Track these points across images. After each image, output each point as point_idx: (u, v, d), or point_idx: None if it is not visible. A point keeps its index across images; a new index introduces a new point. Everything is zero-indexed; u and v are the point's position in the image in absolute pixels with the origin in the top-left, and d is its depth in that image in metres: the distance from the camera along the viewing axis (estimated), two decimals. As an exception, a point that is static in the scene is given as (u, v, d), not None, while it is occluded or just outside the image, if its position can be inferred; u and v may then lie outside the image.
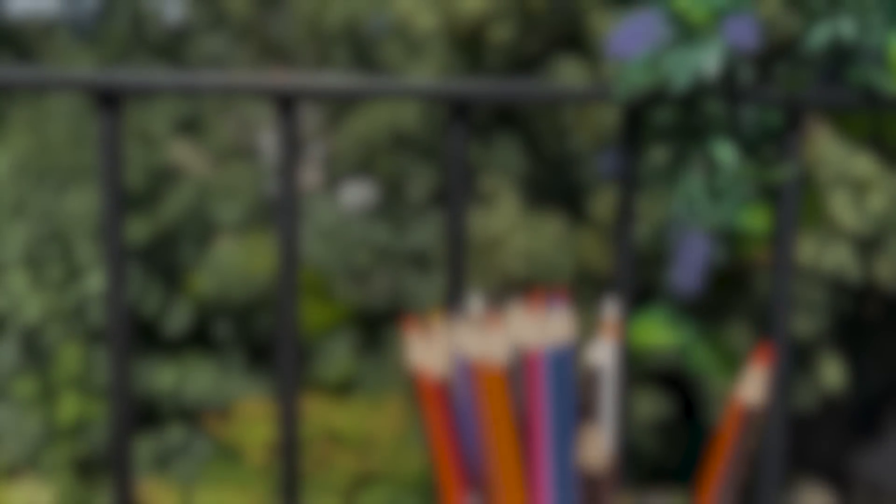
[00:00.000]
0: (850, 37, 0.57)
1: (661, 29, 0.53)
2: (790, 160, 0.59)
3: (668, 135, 0.62)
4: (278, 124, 0.59)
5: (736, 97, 0.57)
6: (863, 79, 0.60)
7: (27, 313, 9.69)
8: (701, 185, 0.57)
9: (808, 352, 8.96)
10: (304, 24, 12.88)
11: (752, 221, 0.65)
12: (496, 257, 8.37)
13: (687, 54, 0.53)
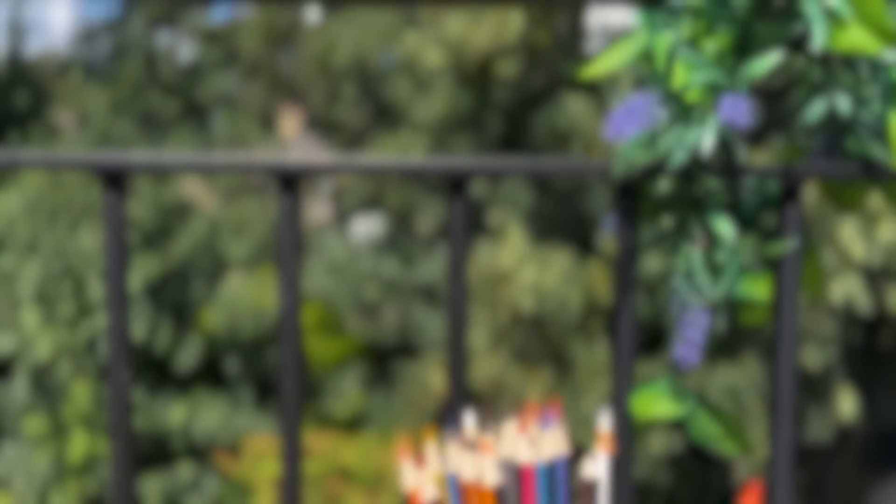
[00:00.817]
0: (845, 111, 0.58)
1: (656, 109, 0.53)
2: (789, 232, 0.59)
3: (667, 207, 0.62)
4: (281, 201, 0.60)
5: (733, 171, 0.58)
6: (860, 150, 0.60)
7: (38, 350, 9.71)
8: (700, 259, 0.57)
9: (821, 384, 8.85)
10: (313, 61, 13.08)
11: (754, 291, 0.65)
12: (505, 291, 8.35)
13: (683, 133, 0.54)
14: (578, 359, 8.37)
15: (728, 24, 0.58)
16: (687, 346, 0.56)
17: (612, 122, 0.53)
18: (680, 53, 0.56)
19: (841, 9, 0.53)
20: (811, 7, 0.53)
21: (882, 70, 0.57)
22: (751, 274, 0.65)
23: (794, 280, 0.60)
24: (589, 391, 7.87)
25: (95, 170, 0.59)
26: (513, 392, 7.84)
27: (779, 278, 0.60)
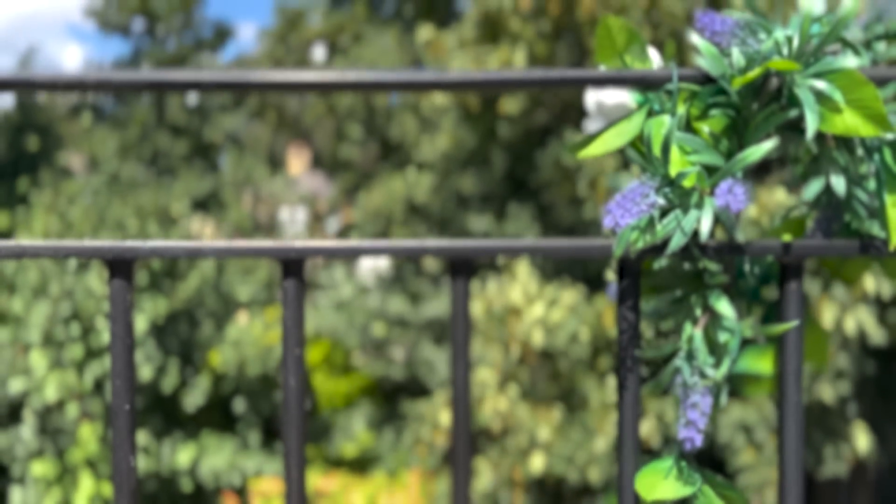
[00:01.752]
0: (841, 191, 0.58)
1: (653, 196, 0.54)
2: (790, 309, 0.60)
3: (668, 282, 0.63)
4: (284, 285, 0.60)
5: (732, 251, 0.58)
6: (857, 226, 0.60)
7: (46, 393, 9.69)
8: (702, 339, 0.57)
9: (835, 418, 8.74)
10: (319, 100, 13.23)
11: (757, 364, 0.65)
12: (513, 327, 8.32)
13: (681, 217, 0.54)
14: (590, 396, 8.30)
15: (723, 108, 0.59)
16: (690, 429, 0.55)
17: (610, 212, 0.53)
18: (676, 137, 0.57)
19: (832, 93, 0.54)
20: (803, 93, 0.54)
21: (875, 150, 0.57)
22: (754, 348, 0.65)
23: (797, 357, 0.60)
24: (600, 429, 7.78)
25: (101, 258, 0.60)
26: (523, 430, 7.75)
27: (781, 355, 0.60)
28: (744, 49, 0.58)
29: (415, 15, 13.75)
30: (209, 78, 0.59)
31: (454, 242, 0.60)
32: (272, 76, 0.59)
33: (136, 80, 0.59)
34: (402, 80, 0.60)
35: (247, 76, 0.60)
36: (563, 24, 9.32)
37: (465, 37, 10.30)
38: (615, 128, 0.61)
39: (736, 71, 0.57)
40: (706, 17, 0.66)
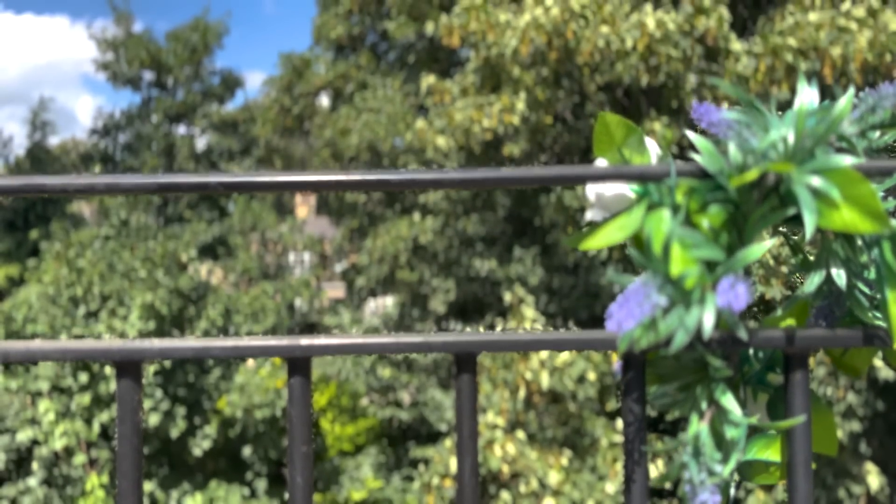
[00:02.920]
0: (842, 284, 0.59)
1: (655, 295, 0.55)
2: (797, 400, 0.59)
3: (672, 373, 0.63)
4: (289, 382, 0.61)
5: (735, 343, 0.58)
6: (860, 316, 0.61)
7: (54, 442, 9.65)
8: (708, 435, 0.57)
9: (847, 456, 8.61)
10: (325, 147, 13.39)
11: (766, 453, 0.64)
12: (521, 369, 8.27)
13: (683, 316, 0.55)
14: (598, 437, 8.21)
15: (721, 203, 0.59)
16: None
17: (613, 315, 0.54)
18: (676, 232, 0.57)
19: (830, 191, 0.55)
20: (801, 192, 0.55)
21: (875, 244, 0.58)
22: (762, 436, 0.65)
23: (805, 448, 0.60)
24: (610, 472, 7.68)
25: (110, 360, 0.61)
26: (532, 473, 7.66)
27: (789, 447, 0.60)
28: (741, 143, 0.59)
29: (417, 61, 13.97)
30: (217, 180, 0.61)
31: (459, 337, 0.61)
32: (280, 178, 0.61)
33: (145, 183, 0.60)
34: (404, 179, 0.61)
35: (255, 178, 0.61)
36: (563, 69, 9.47)
37: (467, 84, 10.46)
38: (616, 221, 0.62)
39: (733, 168, 0.58)
40: (702, 107, 0.67)
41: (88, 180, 0.60)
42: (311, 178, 0.61)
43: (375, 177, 0.61)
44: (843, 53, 7.53)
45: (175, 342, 0.61)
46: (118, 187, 0.60)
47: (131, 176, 0.61)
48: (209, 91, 17.61)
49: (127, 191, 0.60)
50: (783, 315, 0.64)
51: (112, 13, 17.13)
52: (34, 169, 15.45)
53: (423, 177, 0.61)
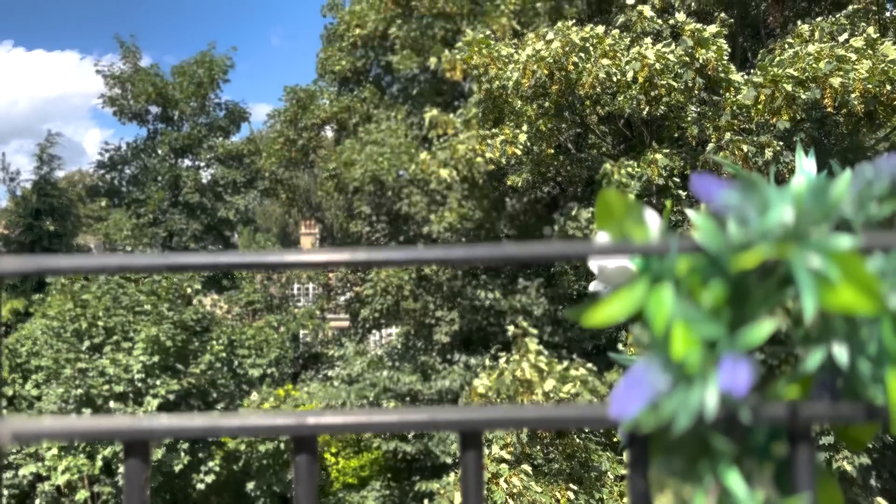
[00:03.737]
0: (843, 361, 0.59)
1: (657, 378, 0.55)
2: (801, 473, 0.60)
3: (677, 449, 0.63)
4: (295, 460, 0.61)
5: (739, 423, 0.58)
6: (862, 392, 0.61)
7: (56, 477, 9.59)
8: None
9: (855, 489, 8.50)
10: (329, 179, 13.46)
11: (772, 527, 0.64)
12: (525, 400, 8.22)
13: (685, 398, 0.55)
14: (605, 470, 8.13)
15: (722, 279, 0.60)
16: None
17: (616, 400, 0.54)
18: (677, 312, 0.58)
19: (829, 272, 0.56)
20: (801, 274, 0.56)
21: (875, 323, 0.58)
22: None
23: (811, 525, 0.60)
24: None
25: (118, 439, 0.61)
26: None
27: (795, 523, 0.60)
28: (740, 221, 0.60)
29: (420, 94, 14.09)
30: (226, 260, 0.62)
31: (464, 414, 0.61)
32: (287, 258, 0.62)
33: (156, 264, 0.61)
34: (412, 258, 0.62)
35: (263, 258, 0.62)
36: (565, 101, 9.55)
37: (470, 116, 10.56)
38: (618, 296, 0.63)
39: (734, 247, 0.59)
40: (701, 179, 0.68)
41: (99, 261, 0.62)
42: (317, 258, 0.62)
43: (383, 256, 0.62)
44: (843, 83, 7.58)
45: (183, 420, 0.61)
46: (129, 267, 0.61)
47: (142, 257, 0.62)
48: (214, 124, 17.76)
49: (138, 270, 0.61)
50: (786, 386, 0.65)
51: (119, 49, 17.36)
52: (40, 202, 15.54)
53: (428, 255, 0.62)
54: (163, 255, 0.62)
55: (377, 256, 0.62)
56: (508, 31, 11.83)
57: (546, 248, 0.63)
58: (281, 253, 0.62)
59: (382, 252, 0.62)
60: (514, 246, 0.64)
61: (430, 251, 0.62)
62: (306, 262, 0.62)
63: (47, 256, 0.62)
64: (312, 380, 13.94)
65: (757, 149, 8.25)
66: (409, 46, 13.26)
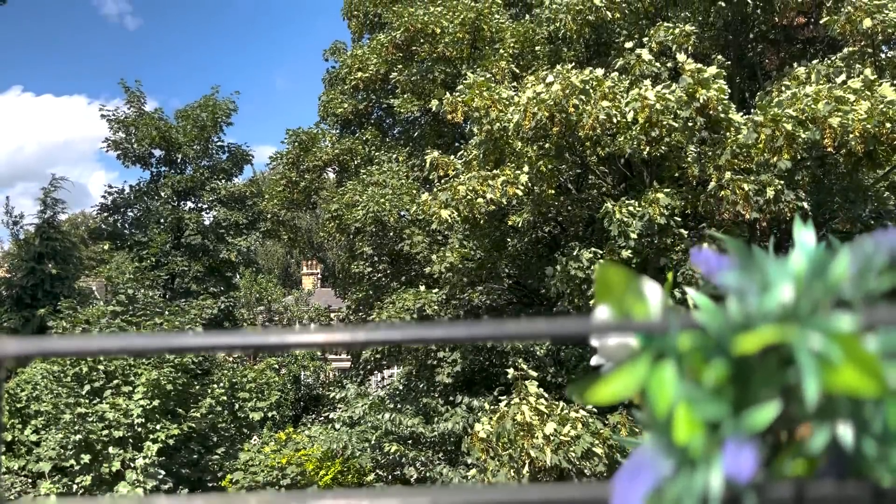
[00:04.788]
0: (848, 442, 0.59)
1: (660, 463, 0.54)
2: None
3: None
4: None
5: (744, 503, 0.58)
6: (868, 470, 0.60)
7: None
8: None
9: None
10: (331, 220, 13.51)
11: None
12: (526, 444, 8.13)
13: (690, 484, 0.55)
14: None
15: (724, 357, 0.60)
16: None
17: (619, 489, 0.54)
18: (680, 394, 0.57)
19: (830, 353, 0.55)
20: (802, 357, 0.55)
21: (880, 403, 0.58)
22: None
23: None
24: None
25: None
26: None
27: None
28: (740, 297, 0.60)
29: (421, 136, 14.23)
30: (225, 342, 0.62)
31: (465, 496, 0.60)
32: (289, 339, 0.62)
33: (156, 346, 0.61)
34: (412, 337, 0.62)
35: (265, 339, 0.62)
36: (565, 142, 9.64)
37: (471, 157, 10.64)
38: (620, 374, 0.63)
39: (734, 326, 0.59)
40: (701, 254, 0.69)
41: (100, 343, 0.61)
42: (318, 339, 0.62)
43: (383, 335, 0.62)
44: (842, 123, 7.64)
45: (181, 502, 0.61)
46: (130, 350, 0.61)
47: (140, 338, 0.62)
48: (217, 166, 17.91)
49: (138, 353, 0.61)
50: (792, 463, 0.64)
51: (125, 94, 17.61)
52: (42, 246, 15.59)
53: (430, 334, 0.62)
54: (161, 337, 0.62)
55: (377, 336, 0.62)
56: (508, 74, 11.99)
57: (548, 326, 0.63)
58: (282, 333, 0.62)
59: (382, 332, 0.62)
60: (516, 323, 0.64)
61: (430, 329, 0.62)
62: (307, 343, 0.62)
63: (48, 339, 0.62)
64: (314, 422, 13.80)
65: (758, 188, 8.29)
66: (410, 90, 13.43)
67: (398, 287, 13.55)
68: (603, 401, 0.62)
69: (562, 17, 10.70)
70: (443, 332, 0.62)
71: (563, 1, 10.59)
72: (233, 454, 10.58)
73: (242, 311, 15.69)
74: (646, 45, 10.20)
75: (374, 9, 15.31)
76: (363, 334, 0.62)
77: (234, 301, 16.35)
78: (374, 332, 0.62)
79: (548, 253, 12.03)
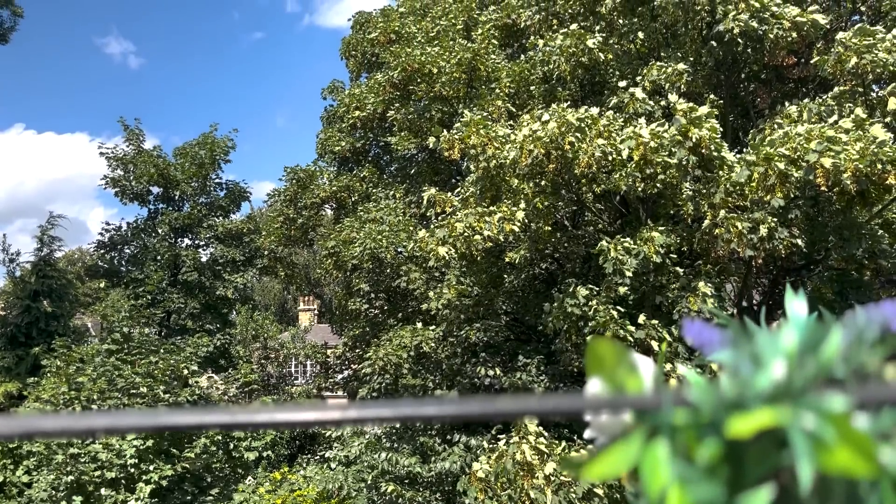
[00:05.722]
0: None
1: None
2: None
3: None
4: None
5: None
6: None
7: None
8: None
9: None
10: (328, 257, 13.51)
11: None
12: (526, 483, 8.03)
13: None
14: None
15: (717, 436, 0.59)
16: None
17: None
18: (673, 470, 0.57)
19: (824, 434, 0.55)
20: (796, 438, 0.55)
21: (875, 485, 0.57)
22: None
23: None
24: None
25: None
26: None
27: None
28: (733, 372, 0.60)
29: (419, 172, 14.31)
30: (216, 420, 0.61)
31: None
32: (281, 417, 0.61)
33: (145, 424, 0.61)
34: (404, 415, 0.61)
35: (252, 417, 0.62)
36: (561, 179, 9.69)
37: (468, 195, 10.69)
38: (613, 451, 0.62)
39: (727, 404, 0.58)
40: (694, 327, 0.69)
41: (88, 421, 0.61)
42: (310, 417, 0.61)
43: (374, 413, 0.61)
44: (834, 163, 7.70)
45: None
46: (118, 429, 0.60)
47: (131, 416, 0.61)
48: (215, 203, 17.95)
49: (126, 431, 0.61)
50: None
51: (123, 131, 17.71)
52: (38, 284, 15.54)
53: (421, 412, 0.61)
54: (152, 415, 0.62)
55: (368, 414, 0.62)
56: (504, 113, 12.11)
57: (540, 404, 0.63)
58: (272, 411, 0.62)
59: (373, 409, 0.62)
60: (509, 400, 0.63)
61: (422, 407, 0.62)
62: (299, 422, 0.62)
63: (37, 418, 0.62)
64: (309, 462, 13.62)
65: (752, 225, 8.33)
66: (408, 128, 13.54)
67: (395, 324, 13.50)
68: (597, 477, 0.62)
69: (555, 59, 10.84)
70: (435, 409, 0.61)
71: (556, 43, 10.74)
72: (227, 495, 10.42)
73: (238, 349, 15.59)
74: (639, 84, 10.32)
75: (371, 49, 15.51)
76: (355, 412, 0.62)
77: (231, 338, 16.25)
78: (366, 410, 0.62)
79: (545, 289, 12.02)
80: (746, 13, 9.28)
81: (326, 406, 0.64)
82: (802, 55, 10.49)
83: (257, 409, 0.64)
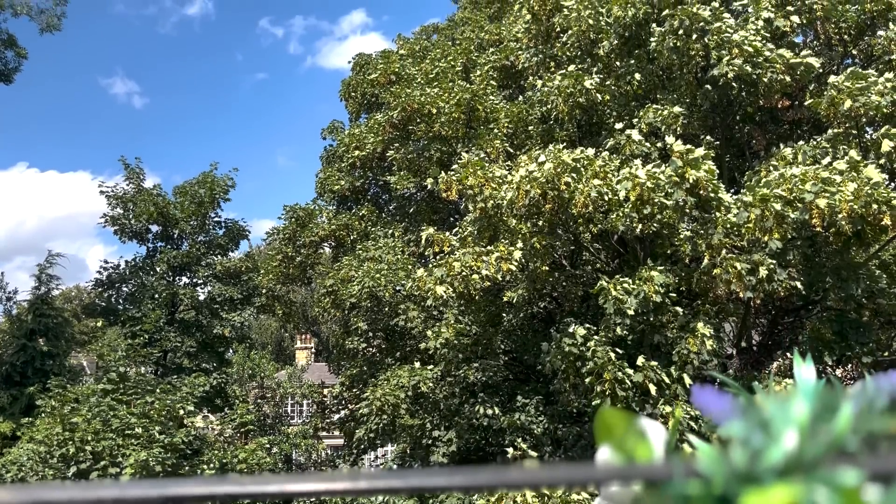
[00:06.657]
0: None
1: None
2: None
3: None
4: None
5: None
6: None
7: None
8: None
9: None
10: (327, 295, 13.49)
11: None
12: None
13: None
14: None
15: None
16: None
17: None
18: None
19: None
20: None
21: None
22: None
23: None
24: None
25: None
26: None
27: None
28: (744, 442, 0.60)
29: (417, 212, 14.36)
30: (224, 490, 0.61)
31: None
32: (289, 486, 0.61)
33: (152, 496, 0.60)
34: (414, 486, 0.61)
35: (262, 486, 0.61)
36: (558, 219, 9.74)
37: (466, 234, 10.73)
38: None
39: (738, 476, 0.58)
40: (703, 394, 0.69)
41: (96, 493, 0.60)
42: (321, 486, 0.61)
43: (384, 483, 0.61)
44: (829, 204, 7.76)
45: None
46: (127, 500, 0.60)
47: (140, 486, 0.61)
48: (214, 242, 17.97)
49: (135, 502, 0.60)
50: None
51: (124, 170, 17.81)
52: (35, 322, 15.47)
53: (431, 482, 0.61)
54: (161, 485, 0.61)
55: (379, 484, 0.62)
56: (502, 153, 12.21)
57: (549, 474, 0.63)
58: (282, 481, 0.61)
59: (384, 479, 0.62)
60: (518, 471, 0.63)
61: (432, 477, 0.62)
62: (308, 491, 0.61)
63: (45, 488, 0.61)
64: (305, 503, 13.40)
65: (751, 267, 8.35)
66: (406, 167, 13.64)
67: (393, 363, 13.42)
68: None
69: (553, 99, 10.98)
70: (445, 479, 0.61)
71: (553, 84, 10.88)
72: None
73: (235, 388, 15.45)
74: (635, 126, 10.43)
75: (371, 90, 15.70)
76: (364, 482, 0.61)
77: (227, 377, 16.12)
78: (376, 480, 0.61)
79: (543, 328, 11.98)
80: (740, 58, 9.43)
81: (336, 476, 0.63)
82: (796, 97, 10.63)
83: (267, 479, 0.64)
